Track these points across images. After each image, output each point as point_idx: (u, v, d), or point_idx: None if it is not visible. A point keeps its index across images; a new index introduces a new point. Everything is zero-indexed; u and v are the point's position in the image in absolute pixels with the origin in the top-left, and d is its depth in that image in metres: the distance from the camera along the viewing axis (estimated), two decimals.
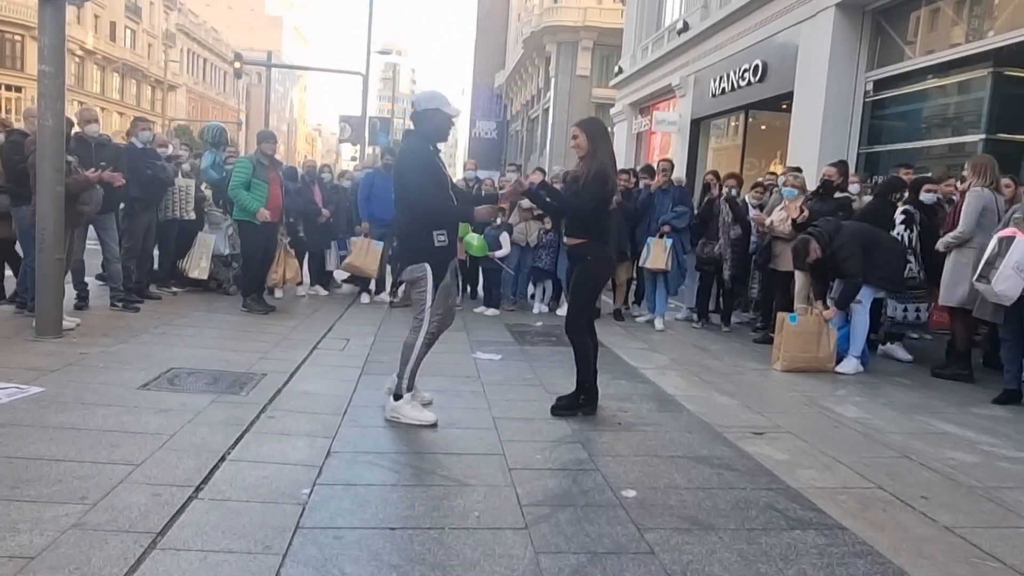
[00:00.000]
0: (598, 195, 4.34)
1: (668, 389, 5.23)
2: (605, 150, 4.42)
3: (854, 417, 4.69)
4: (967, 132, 8.78)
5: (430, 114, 4.15)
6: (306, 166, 9.19)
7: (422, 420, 4.08)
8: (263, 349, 5.75)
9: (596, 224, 4.45)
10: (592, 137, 4.39)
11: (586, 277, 4.49)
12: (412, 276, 4.13)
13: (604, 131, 4.55)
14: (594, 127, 4.48)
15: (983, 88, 8.46)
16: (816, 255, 5.87)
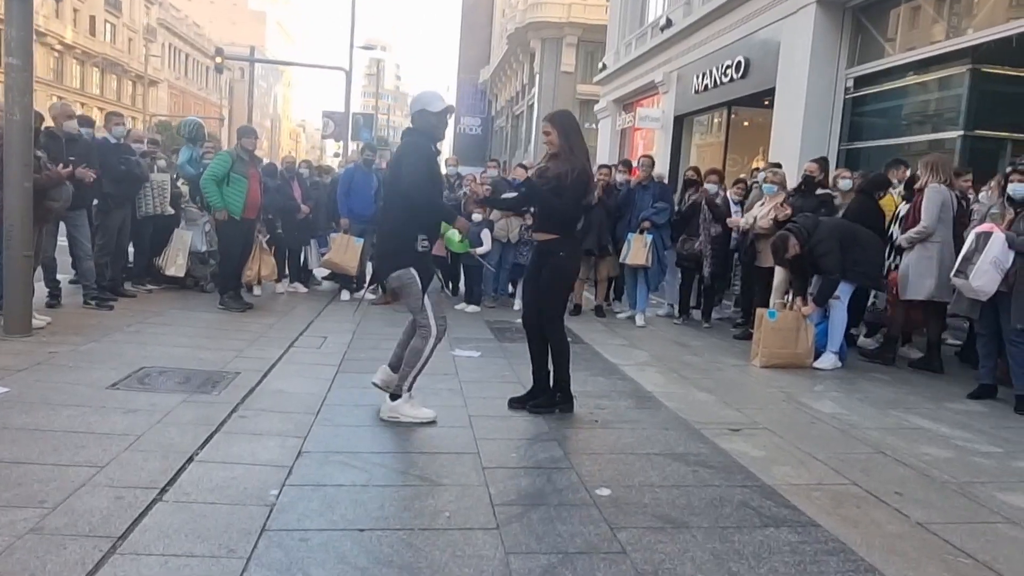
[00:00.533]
0: (579, 195, 4.31)
1: (647, 386, 5.21)
2: (580, 146, 4.37)
3: (831, 413, 4.70)
4: (946, 128, 8.82)
5: (420, 115, 4.20)
6: (285, 162, 9.09)
7: (421, 418, 4.07)
8: (238, 347, 5.68)
9: (570, 220, 4.42)
10: (564, 133, 4.32)
11: (559, 273, 4.45)
12: (400, 283, 4.12)
13: (576, 125, 4.47)
14: (565, 121, 4.42)
15: (961, 85, 8.51)
16: (795, 251, 5.87)
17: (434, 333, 4.08)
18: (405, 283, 4.10)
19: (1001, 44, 7.86)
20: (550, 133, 4.34)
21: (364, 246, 8.56)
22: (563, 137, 4.32)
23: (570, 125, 4.40)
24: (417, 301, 4.09)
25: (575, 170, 4.24)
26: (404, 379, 4.11)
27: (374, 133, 32.26)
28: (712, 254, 7.78)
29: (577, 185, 4.24)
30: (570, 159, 4.28)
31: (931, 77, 9.08)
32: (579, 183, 4.25)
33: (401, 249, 4.10)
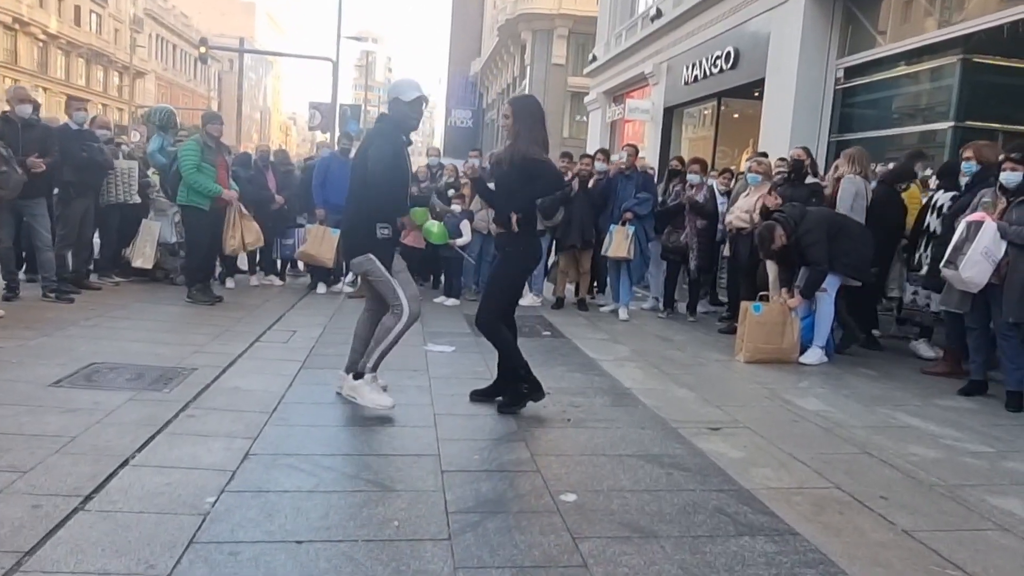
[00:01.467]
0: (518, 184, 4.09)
1: (625, 382, 5.00)
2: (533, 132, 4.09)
3: (815, 410, 4.49)
4: (937, 120, 8.66)
5: (393, 104, 4.11)
6: (259, 151, 8.82)
7: (380, 404, 3.93)
8: (200, 342, 5.43)
9: (529, 214, 4.21)
10: (519, 117, 4.12)
11: (509, 268, 4.27)
12: (362, 268, 4.07)
13: (534, 109, 4.22)
14: (521, 105, 4.26)
15: (953, 75, 8.32)
16: (781, 242, 5.67)
17: (406, 311, 3.97)
18: (367, 269, 4.04)
19: (993, 34, 7.68)
20: (508, 117, 4.17)
21: (340, 237, 8.31)
22: (518, 121, 4.12)
23: (526, 109, 4.20)
24: (384, 284, 4.00)
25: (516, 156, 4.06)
26: (369, 356, 4.01)
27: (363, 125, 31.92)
28: (698, 247, 7.57)
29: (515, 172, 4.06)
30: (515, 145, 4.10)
31: (922, 67, 8.90)
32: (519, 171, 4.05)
33: (362, 236, 4.02)
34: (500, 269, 4.34)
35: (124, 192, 7.41)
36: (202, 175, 6.72)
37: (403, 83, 4.16)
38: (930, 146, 8.58)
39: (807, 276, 5.72)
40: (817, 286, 5.65)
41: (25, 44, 42.69)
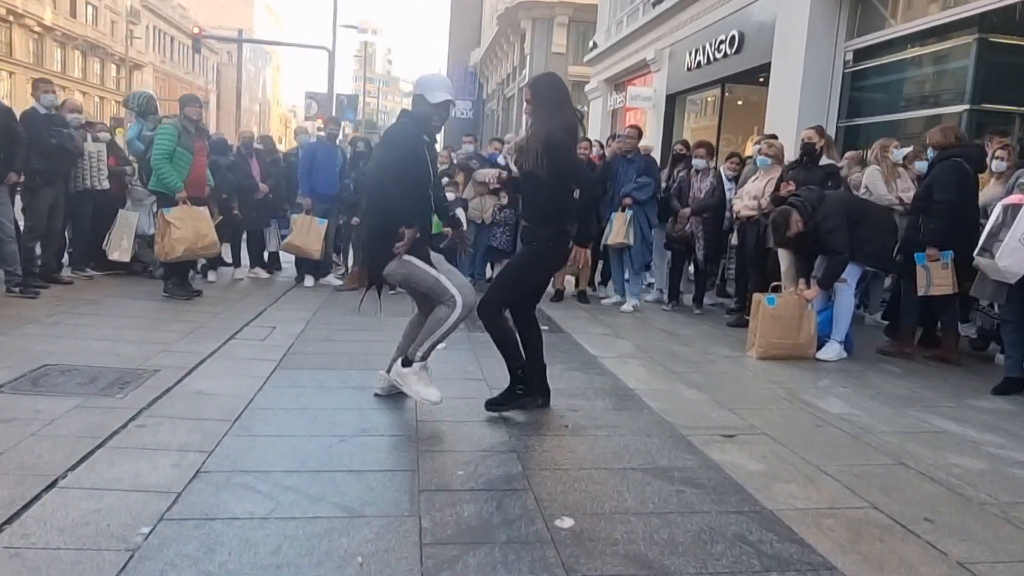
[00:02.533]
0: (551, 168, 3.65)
1: (629, 382, 4.58)
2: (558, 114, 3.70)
3: (839, 413, 4.07)
4: (951, 103, 8.26)
5: (418, 100, 3.76)
6: (242, 137, 8.39)
7: (425, 398, 3.62)
8: (169, 340, 5.02)
9: (557, 207, 3.78)
10: (540, 98, 3.73)
11: (528, 263, 3.89)
12: (399, 275, 3.68)
13: (557, 88, 3.81)
14: (542, 84, 3.83)
15: (967, 56, 7.94)
16: (797, 228, 5.24)
17: (459, 302, 3.60)
18: (405, 273, 3.67)
19: (1009, 12, 7.30)
20: (529, 100, 3.77)
21: (328, 228, 7.90)
22: (540, 103, 3.73)
23: (549, 89, 3.78)
24: (427, 279, 3.65)
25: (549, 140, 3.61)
26: (420, 345, 3.66)
27: (362, 116, 31.53)
28: (704, 236, 7.15)
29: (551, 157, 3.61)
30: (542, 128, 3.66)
31: (935, 49, 8.52)
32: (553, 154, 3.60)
33: (388, 243, 3.61)
34: (519, 260, 3.95)
35: (93, 177, 6.97)
36: (169, 165, 6.26)
37: (431, 81, 3.80)
38: None
39: (826, 265, 5.29)
40: (837, 276, 5.23)
41: (20, 36, 42.20)
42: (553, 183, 3.67)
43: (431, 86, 3.75)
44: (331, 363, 4.75)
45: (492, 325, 3.78)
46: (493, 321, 3.78)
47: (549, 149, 3.60)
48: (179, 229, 6.24)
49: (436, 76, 3.86)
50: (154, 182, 6.40)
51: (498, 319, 3.80)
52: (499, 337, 3.80)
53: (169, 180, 6.25)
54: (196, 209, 6.44)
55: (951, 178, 5.16)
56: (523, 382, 3.81)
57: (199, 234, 6.39)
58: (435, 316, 3.64)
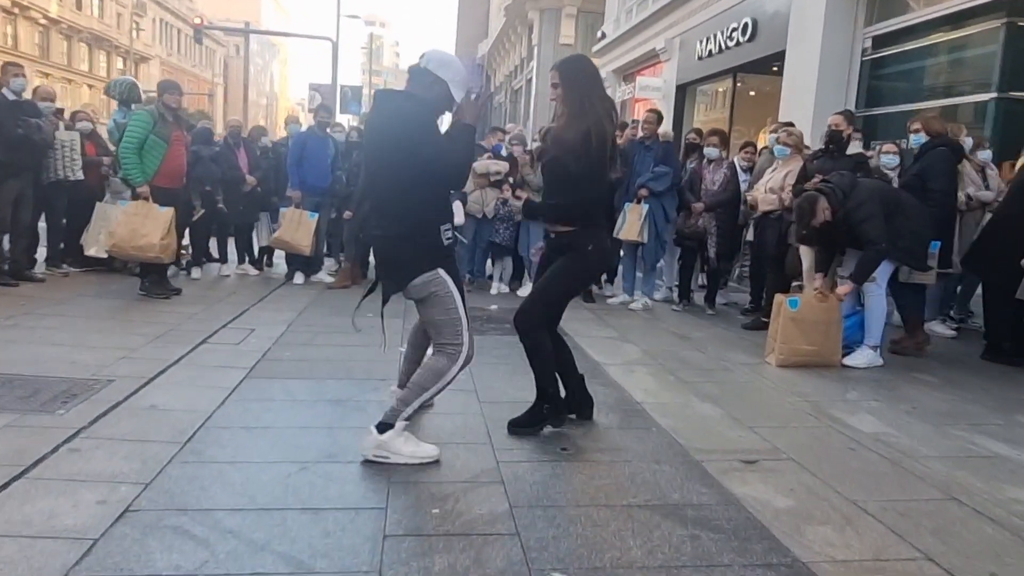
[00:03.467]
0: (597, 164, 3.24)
1: (635, 394, 4.13)
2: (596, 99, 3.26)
3: (873, 433, 3.61)
4: (977, 91, 7.83)
5: (431, 80, 3.03)
6: (229, 127, 7.95)
7: (422, 457, 2.96)
8: (134, 345, 4.60)
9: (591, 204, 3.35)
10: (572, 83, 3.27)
11: (573, 268, 3.38)
12: (427, 292, 3.00)
13: (591, 72, 3.37)
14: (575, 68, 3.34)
15: (995, 41, 7.48)
16: (825, 217, 4.73)
17: (463, 354, 3.03)
18: (434, 292, 3.00)
19: None
20: (557, 85, 3.30)
21: (319, 222, 7.47)
22: (571, 88, 3.26)
23: (581, 73, 3.32)
24: (450, 313, 3.01)
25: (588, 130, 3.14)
26: (406, 404, 2.98)
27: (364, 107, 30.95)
28: (718, 231, 6.67)
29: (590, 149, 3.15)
30: (582, 116, 3.19)
31: (960, 34, 8.06)
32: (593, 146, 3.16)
33: (420, 246, 2.98)
34: (565, 269, 3.36)
35: (66, 167, 6.56)
36: (136, 156, 5.82)
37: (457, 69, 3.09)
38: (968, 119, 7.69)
39: (860, 258, 4.79)
40: (873, 269, 4.73)
41: (25, 28, 41.99)
42: (597, 179, 3.24)
43: (458, 80, 3.06)
44: (308, 371, 4.31)
45: (533, 342, 3.35)
46: (535, 337, 3.35)
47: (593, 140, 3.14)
48: (119, 223, 5.82)
49: (463, 66, 3.21)
50: (123, 171, 5.98)
51: (540, 335, 3.36)
52: (539, 357, 3.37)
53: (131, 172, 5.82)
54: (154, 208, 5.97)
55: (943, 166, 5.20)
56: (551, 399, 3.40)
57: (136, 233, 5.89)
58: (431, 368, 3.02)
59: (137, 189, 5.88)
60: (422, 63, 3.07)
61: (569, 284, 3.46)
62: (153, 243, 6.00)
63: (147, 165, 5.89)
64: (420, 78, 3.05)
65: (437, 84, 3.02)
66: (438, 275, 2.99)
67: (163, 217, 5.98)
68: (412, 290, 3.04)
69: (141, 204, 5.90)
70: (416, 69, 3.09)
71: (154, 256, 6.10)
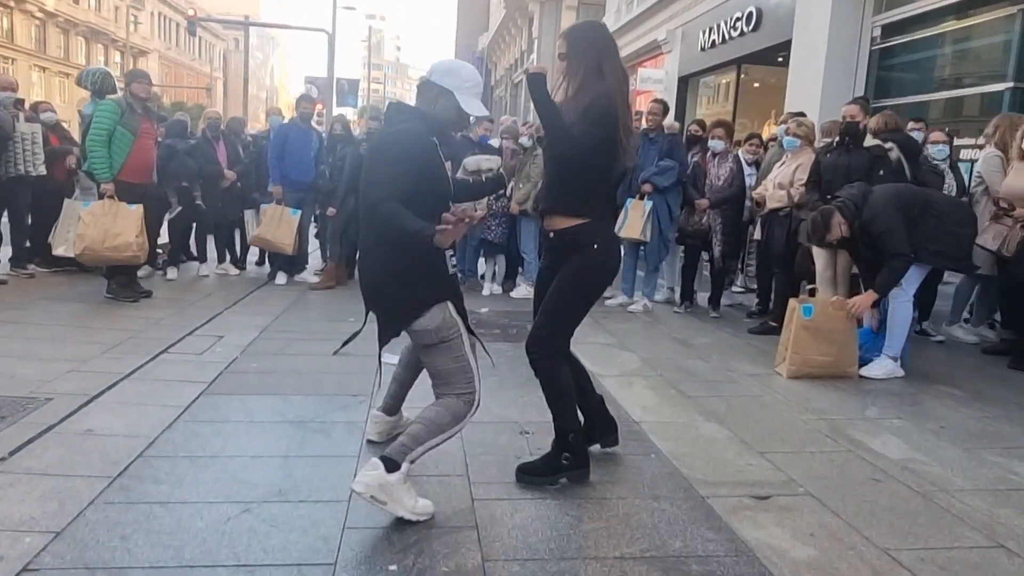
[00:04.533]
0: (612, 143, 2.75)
1: (633, 411, 3.74)
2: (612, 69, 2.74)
3: (899, 459, 3.21)
4: (991, 81, 7.49)
5: (436, 93, 2.65)
6: (208, 119, 7.55)
7: (417, 513, 2.47)
8: (86, 356, 4.22)
9: (601, 193, 2.85)
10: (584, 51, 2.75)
11: (580, 275, 2.80)
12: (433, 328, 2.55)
13: (605, 40, 2.82)
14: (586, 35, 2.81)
15: (1011, 29, 7.14)
16: (841, 232, 4.36)
17: (477, 400, 2.62)
18: (440, 330, 2.56)
19: None
20: (564, 55, 2.78)
21: (301, 219, 7.08)
22: (581, 56, 2.73)
23: (593, 38, 2.80)
24: (459, 360, 2.59)
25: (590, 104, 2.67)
26: (419, 442, 2.50)
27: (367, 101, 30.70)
28: (722, 229, 6.27)
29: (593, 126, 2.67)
30: (589, 88, 2.70)
31: (973, 22, 7.71)
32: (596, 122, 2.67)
33: (420, 274, 2.53)
34: (577, 274, 2.80)
35: (27, 162, 6.16)
36: (105, 149, 5.44)
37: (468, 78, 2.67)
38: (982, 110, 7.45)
39: (884, 270, 4.39)
40: (896, 281, 4.33)
41: (21, 21, 41.64)
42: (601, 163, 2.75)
43: (467, 87, 2.66)
44: (273, 386, 3.92)
45: (549, 372, 2.81)
46: (551, 366, 2.80)
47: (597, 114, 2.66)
48: (86, 225, 5.42)
49: (474, 72, 2.76)
50: (87, 164, 5.59)
51: (556, 363, 2.82)
52: (556, 389, 2.82)
53: (98, 167, 5.44)
54: (123, 207, 5.58)
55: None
56: (572, 449, 2.82)
57: (108, 234, 5.50)
58: (448, 409, 2.56)
59: (102, 187, 5.49)
60: (427, 75, 2.69)
61: (580, 296, 2.84)
62: (129, 242, 5.63)
63: (113, 159, 5.50)
64: (424, 92, 2.68)
65: (442, 96, 2.63)
66: (445, 309, 2.55)
67: (134, 214, 5.61)
68: (422, 334, 2.57)
69: (108, 203, 5.52)
70: (422, 84, 2.71)
71: (131, 256, 5.74)
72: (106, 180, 5.49)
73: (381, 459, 2.45)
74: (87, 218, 5.46)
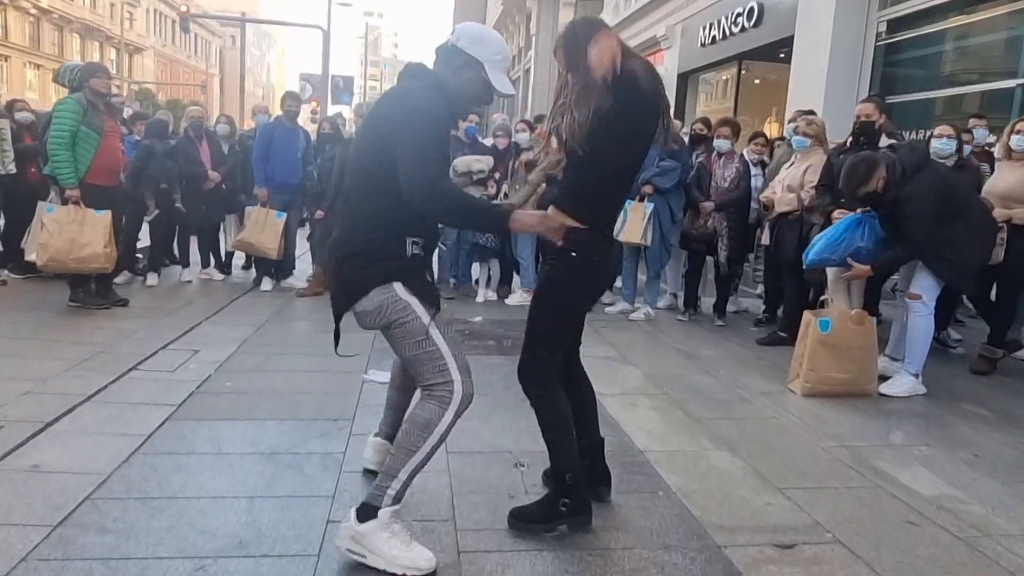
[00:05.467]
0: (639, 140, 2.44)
1: (638, 438, 3.43)
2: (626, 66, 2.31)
3: (933, 496, 2.91)
4: (1001, 78, 7.29)
5: (463, 62, 2.33)
6: (190, 117, 7.22)
7: (406, 568, 2.17)
8: (47, 375, 3.91)
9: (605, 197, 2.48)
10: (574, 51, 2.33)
11: (552, 285, 2.49)
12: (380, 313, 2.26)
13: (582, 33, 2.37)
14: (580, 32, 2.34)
15: (1020, 24, 6.96)
16: (876, 187, 3.98)
17: (458, 392, 2.27)
18: (389, 314, 2.26)
19: None
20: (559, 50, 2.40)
21: (287, 222, 6.76)
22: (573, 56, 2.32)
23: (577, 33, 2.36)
24: (421, 345, 2.27)
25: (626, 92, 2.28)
26: (391, 476, 2.23)
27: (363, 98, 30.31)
28: (728, 233, 5.96)
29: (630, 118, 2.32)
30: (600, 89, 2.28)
31: (982, 16, 7.48)
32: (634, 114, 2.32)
33: (376, 252, 2.26)
34: (556, 287, 2.48)
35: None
36: (69, 152, 5.12)
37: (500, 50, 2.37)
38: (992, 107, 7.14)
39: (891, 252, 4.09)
40: (895, 268, 4.04)
41: (15, 19, 41.25)
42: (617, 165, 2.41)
43: (496, 59, 2.34)
44: (247, 408, 3.61)
45: (540, 400, 2.49)
46: (544, 394, 2.49)
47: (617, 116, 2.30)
48: (49, 234, 5.10)
49: (504, 44, 2.43)
50: (49, 167, 5.27)
51: (551, 391, 2.50)
52: (548, 418, 2.50)
53: (63, 171, 5.12)
54: (90, 213, 5.26)
55: None
56: (570, 492, 2.49)
57: (75, 243, 5.19)
58: (416, 420, 2.26)
59: (67, 192, 5.17)
60: (451, 39, 2.37)
61: (552, 312, 2.49)
62: (97, 252, 5.31)
63: (79, 162, 5.18)
64: (449, 59, 2.35)
65: (469, 67, 2.32)
66: (393, 294, 2.24)
67: (101, 221, 5.28)
68: (363, 316, 2.30)
69: (73, 210, 5.20)
70: (444, 49, 2.38)
71: (99, 267, 5.42)
72: (71, 186, 5.16)
73: (355, 510, 2.22)
74: (51, 225, 5.15)
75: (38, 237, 5.25)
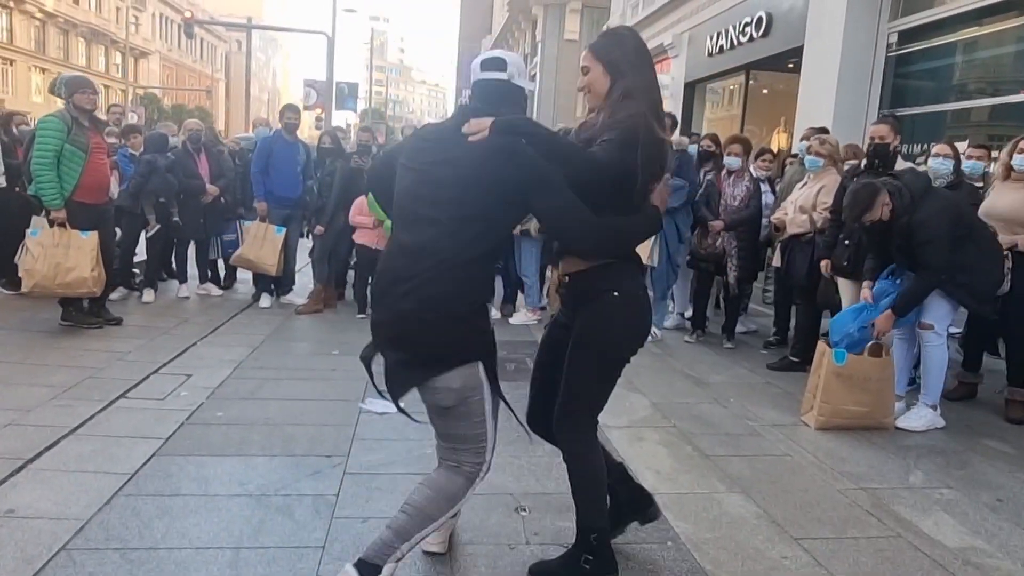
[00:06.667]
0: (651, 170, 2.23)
1: (646, 477, 3.27)
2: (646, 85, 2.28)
3: (958, 548, 2.74)
4: (1012, 91, 7.07)
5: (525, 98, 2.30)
6: (188, 130, 7.10)
7: None
8: (32, 403, 3.77)
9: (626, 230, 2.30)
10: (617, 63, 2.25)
11: (597, 335, 2.26)
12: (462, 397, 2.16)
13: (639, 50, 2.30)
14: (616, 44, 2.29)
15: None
16: (880, 215, 3.83)
17: (485, 469, 2.27)
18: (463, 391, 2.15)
19: None
20: (589, 69, 2.30)
21: (287, 237, 6.63)
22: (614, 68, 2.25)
23: (626, 49, 2.28)
24: (477, 426, 2.21)
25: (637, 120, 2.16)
26: (404, 538, 2.13)
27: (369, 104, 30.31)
28: (738, 253, 5.81)
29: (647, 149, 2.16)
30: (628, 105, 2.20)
31: (995, 28, 7.30)
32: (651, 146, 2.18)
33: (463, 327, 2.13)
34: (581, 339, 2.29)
35: None
36: (54, 172, 4.97)
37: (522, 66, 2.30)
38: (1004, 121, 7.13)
39: (908, 286, 3.93)
40: (918, 301, 3.86)
41: (21, 22, 41.38)
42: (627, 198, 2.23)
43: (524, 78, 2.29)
44: (237, 442, 3.47)
45: (580, 459, 2.34)
46: (583, 452, 2.34)
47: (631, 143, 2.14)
48: (34, 259, 4.97)
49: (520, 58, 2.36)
50: (34, 187, 5.14)
51: (590, 449, 2.36)
52: (582, 477, 2.35)
53: (47, 193, 4.98)
54: (76, 235, 5.12)
55: None
56: (596, 551, 2.34)
57: (60, 268, 5.05)
58: (443, 490, 2.20)
59: (52, 214, 5.04)
60: (507, 74, 2.22)
61: (599, 365, 2.30)
62: (83, 277, 5.16)
63: (64, 181, 5.03)
64: (513, 97, 2.24)
65: (524, 98, 2.28)
66: (475, 374, 2.15)
67: (88, 244, 5.13)
68: (441, 392, 2.15)
69: (59, 232, 5.07)
70: (501, 86, 2.23)
71: (86, 292, 5.28)
72: (56, 207, 5.03)
73: (355, 565, 2.07)
74: (36, 249, 5.01)
75: (23, 263, 5.09)
